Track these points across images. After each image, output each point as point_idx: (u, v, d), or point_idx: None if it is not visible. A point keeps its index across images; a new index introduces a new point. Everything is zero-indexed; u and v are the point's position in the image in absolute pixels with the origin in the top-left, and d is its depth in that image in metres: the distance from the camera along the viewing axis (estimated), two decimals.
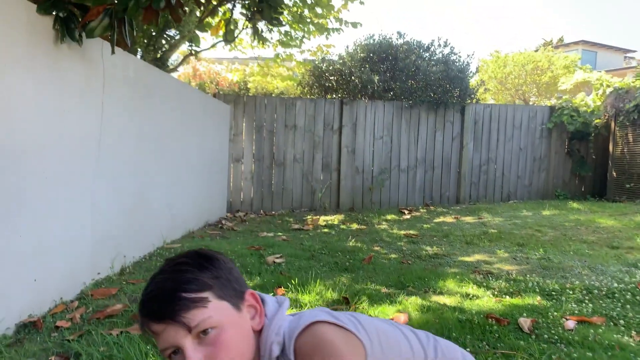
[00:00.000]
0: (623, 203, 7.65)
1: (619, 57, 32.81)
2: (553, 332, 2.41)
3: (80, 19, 2.72)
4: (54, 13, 2.63)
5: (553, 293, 3.05)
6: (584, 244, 4.70)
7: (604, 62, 30.35)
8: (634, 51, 33.19)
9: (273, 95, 10.29)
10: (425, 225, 5.93)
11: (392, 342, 1.08)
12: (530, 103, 17.78)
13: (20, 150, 2.40)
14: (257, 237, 5.10)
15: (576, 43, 31.30)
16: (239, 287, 1.02)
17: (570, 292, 3.05)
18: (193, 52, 6.76)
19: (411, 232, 5.46)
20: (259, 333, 1.03)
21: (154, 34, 5.56)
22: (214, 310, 0.93)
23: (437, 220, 6.38)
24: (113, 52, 2.95)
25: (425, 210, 7.29)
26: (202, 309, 0.92)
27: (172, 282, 0.93)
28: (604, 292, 3.05)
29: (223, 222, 5.97)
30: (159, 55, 5.66)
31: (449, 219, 6.45)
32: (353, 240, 4.93)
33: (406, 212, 7.10)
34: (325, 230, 5.68)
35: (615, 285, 3.19)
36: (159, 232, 4.32)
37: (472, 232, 5.37)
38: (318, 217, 6.62)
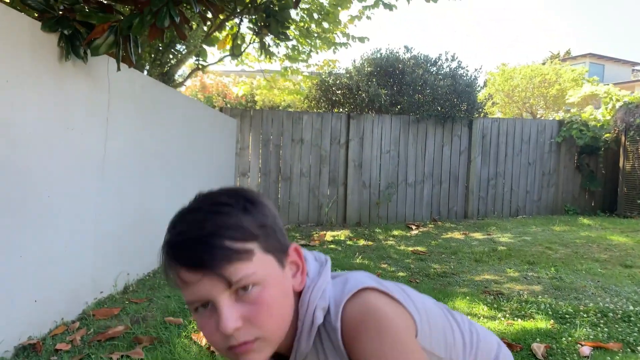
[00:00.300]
0: (634, 219, 7.53)
1: (626, 69, 32.69)
2: (568, 359, 2.32)
3: (85, 36, 2.70)
4: (58, 30, 2.61)
5: (566, 316, 2.97)
6: (596, 263, 4.61)
7: (611, 74, 30.25)
8: None
9: (280, 108, 10.28)
10: (433, 242, 5.84)
11: (439, 324, 0.98)
12: (538, 116, 17.69)
13: (24, 165, 2.36)
14: None
15: (583, 56, 31.24)
16: (284, 240, 0.88)
17: (585, 315, 2.96)
18: (200, 66, 6.76)
19: (419, 248, 5.38)
20: (297, 295, 0.90)
21: (160, 48, 5.56)
22: (258, 265, 0.80)
23: (445, 236, 6.29)
24: (119, 69, 2.93)
25: (433, 226, 7.21)
26: (247, 263, 0.78)
27: (212, 226, 0.78)
28: (619, 316, 2.96)
29: None
30: (165, 70, 5.65)
31: (457, 234, 6.36)
32: (360, 257, 4.86)
33: (414, 227, 7.02)
34: (332, 246, 5.61)
35: (631, 307, 3.10)
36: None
37: (481, 249, 5.28)
38: (325, 232, 6.55)
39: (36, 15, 2.86)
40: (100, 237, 3.17)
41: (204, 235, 0.78)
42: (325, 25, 6.77)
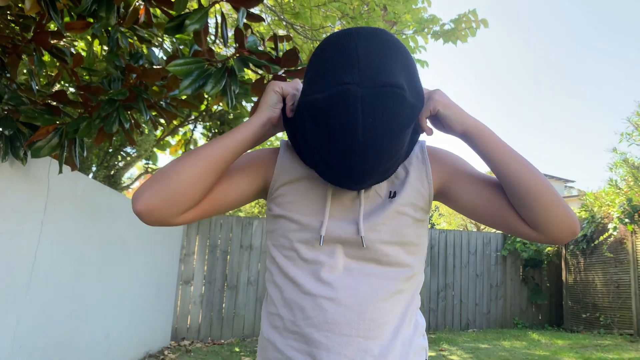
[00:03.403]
0: (581, 334, 7.56)
1: (559, 186, 34.95)
2: None
3: (27, 137, 2.57)
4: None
5: None
6: None
7: None
8: (573, 181, 35.54)
9: (229, 212, 10.14)
10: None
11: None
12: (482, 228, 18.28)
13: None
14: None
15: None
16: None
17: None
18: (150, 169, 6.66)
19: None
20: None
21: (110, 150, 5.46)
22: None
23: None
24: (61, 171, 2.77)
25: None
26: None
27: None
28: None
29: (166, 352, 5.44)
30: (113, 172, 5.50)
31: None
32: None
33: None
34: None
35: None
36: None
37: None
38: None
39: None
40: (18, 358, 2.80)
41: None
42: (279, 134, 6.91)
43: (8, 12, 2.55)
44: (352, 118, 0.79)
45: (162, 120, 4.16)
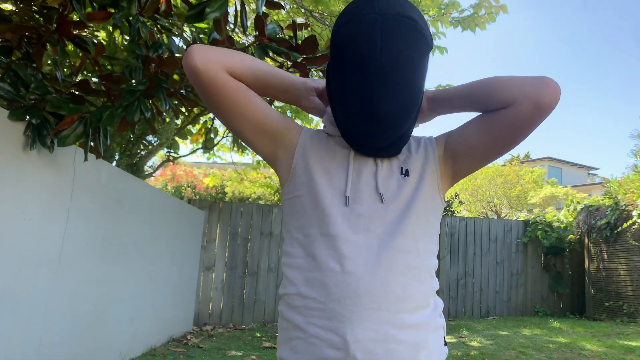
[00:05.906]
0: (604, 322, 7.48)
1: (582, 173, 34.35)
2: None
3: (53, 125, 2.63)
4: (26, 119, 2.55)
5: None
6: None
7: (568, 177, 31.68)
8: (597, 168, 34.91)
9: (249, 200, 10.23)
10: None
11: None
12: (503, 215, 18.10)
13: None
14: (225, 356, 4.71)
15: (542, 159, 32.83)
16: None
17: None
18: (171, 157, 6.75)
19: None
20: None
21: (132, 139, 5.54)
22: None
23: None
24: (86, 159, 2.84)
25: None
26: None
27: None
28: None
29: (189, 337, 5.55)
30: (135, 161, 5.59)
31: None
32: None
33: None
34: None
35: None
36: (117, 350, 3.94)
37: (454, 353, 5.08)
38: None
39: (5, 103, 2.80)
40: (47, 340, 2.90)
41: None
42: (298, 122, 6.93)
43: (32, 3, 2.60)
44: (371, 38, 0.90)
45: (183, 109, 4.20)
